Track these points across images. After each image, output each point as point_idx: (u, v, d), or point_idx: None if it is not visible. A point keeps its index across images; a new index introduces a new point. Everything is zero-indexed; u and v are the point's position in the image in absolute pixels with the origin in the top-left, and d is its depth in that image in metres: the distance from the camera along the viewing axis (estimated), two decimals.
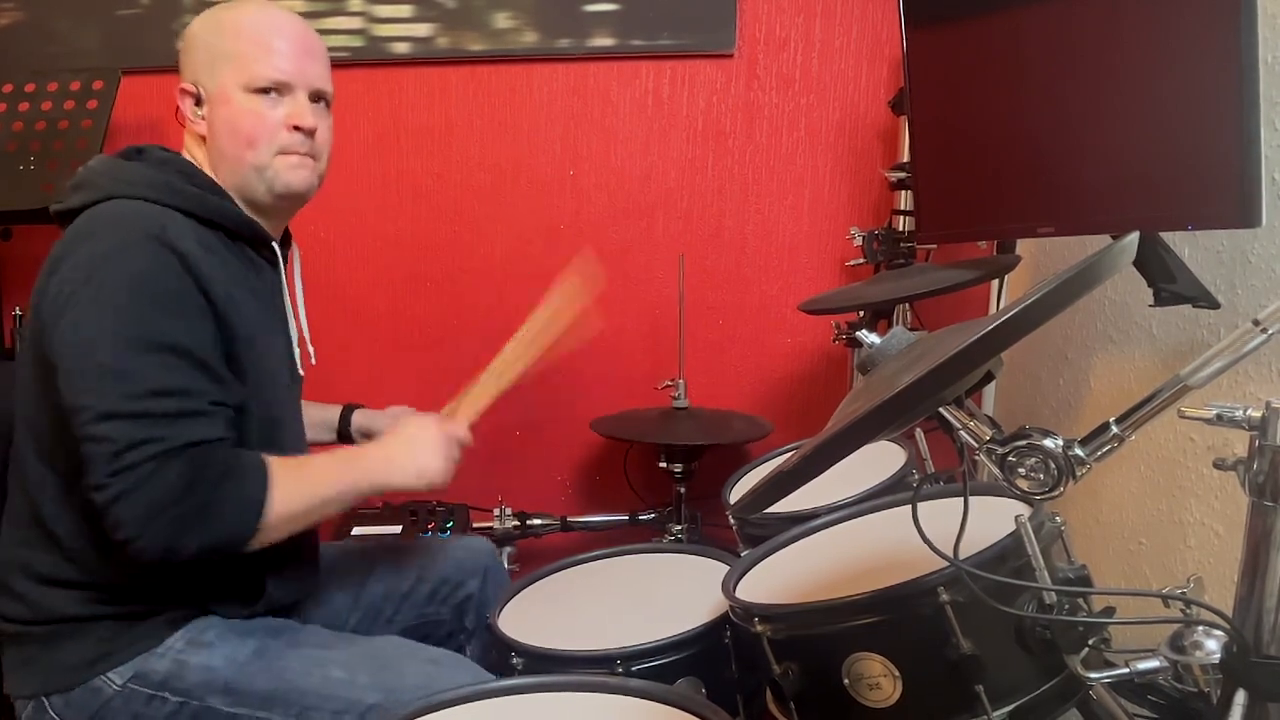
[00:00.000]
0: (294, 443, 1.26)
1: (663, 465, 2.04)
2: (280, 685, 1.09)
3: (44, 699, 1.08)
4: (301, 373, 1.28)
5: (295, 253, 1.34)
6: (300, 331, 1.29)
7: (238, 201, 1.19)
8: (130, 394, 0.98)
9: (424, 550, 1.47)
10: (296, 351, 1.26)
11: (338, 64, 1.26)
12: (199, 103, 1.17)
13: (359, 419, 1.53)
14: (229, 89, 1.15)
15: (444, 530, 2.01)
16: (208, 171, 1.18)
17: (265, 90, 1.15)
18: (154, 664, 1.09)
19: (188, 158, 1.19)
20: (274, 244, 1.22)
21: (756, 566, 1.27)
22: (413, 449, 1.20)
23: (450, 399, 1.37)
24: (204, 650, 1.10)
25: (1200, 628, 0.79)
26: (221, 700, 1.08)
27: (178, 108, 1.19)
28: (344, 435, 1.53)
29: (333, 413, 1.53)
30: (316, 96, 1.20)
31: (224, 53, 1.15)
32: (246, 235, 1.17)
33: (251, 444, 1.12)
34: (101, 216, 1.07)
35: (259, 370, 1.14)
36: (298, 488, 1.08)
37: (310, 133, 1.19)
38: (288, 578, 1.20)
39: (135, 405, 0.97)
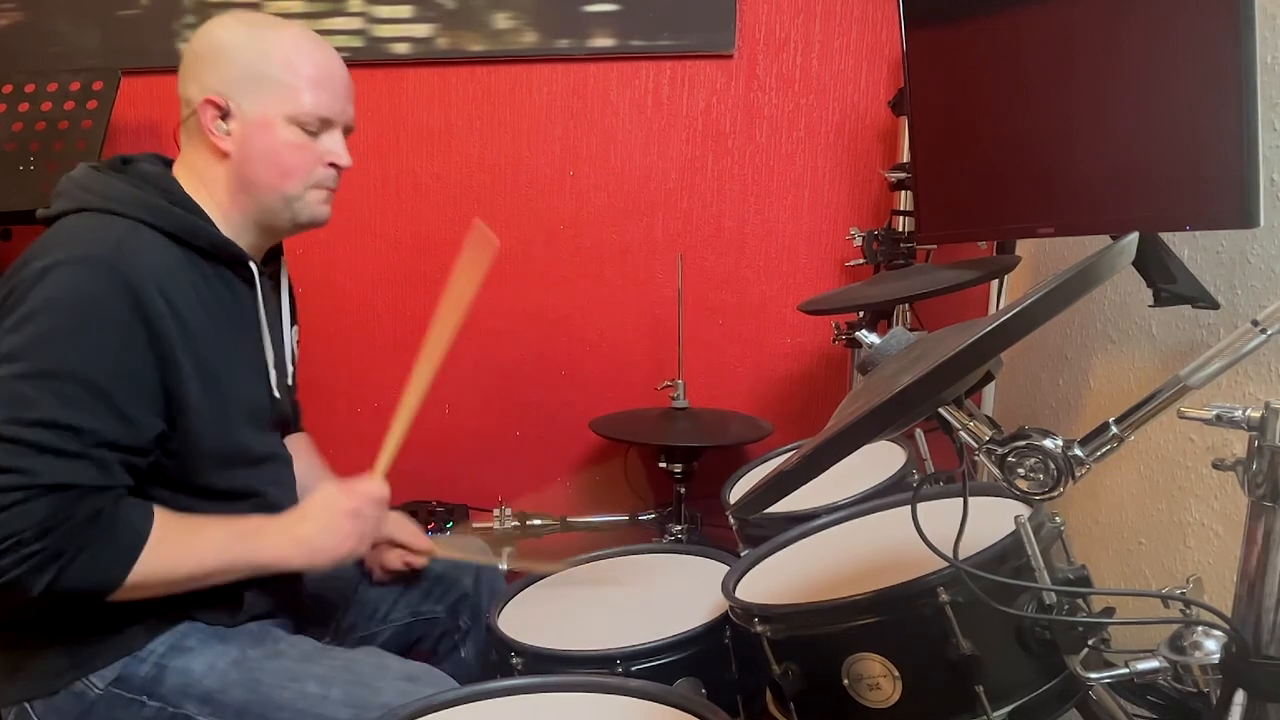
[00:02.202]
0: (270, 467, 1.23)
1: (662, 465, 2.04)
2: (255, 698, 1.08)
3: (27, 705, 1.08)
4: (278, 394, 1.23)
5: (284, 268, 1.31)
6: (287, 347, 1.27)
7: (241, 222, 1.17)
8: (18, 419, 0.96)
9: None
10: (273, 374, 1.22)
11: None
12: (224, 116, 1.14)
13: None
14: (273, 117, 1.14)
15: (444, 530, 2.01)
16: (214, 184, 1.16)
17: (309, 125, 1.16)
18: (136, 668, 1.09)
19: (185, 168, 1.17)
20: (251, 264, 1.18)
21: (756, 566, 1.27)
22: (319, 529, 1.15)
23: (448, 401, 1.35)
24: (185, 656, 1.10)
25: (1199, 628, 0.79)
26: (197, 708, 1.08)
27: (195, 113, 1.14)
28: None
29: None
30: (347, 131, 1.22)
31: (271, 79, 1.13)
32: (222, 256, 1.15)
33: (206, 474, 1.11)
34: (65, 229, 1.06)
35: (220, 400, 1.11)
36: (178, 552, 1.05)
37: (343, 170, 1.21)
38: (266, 589, 1.19)
39: (18, 431, 0.95)
